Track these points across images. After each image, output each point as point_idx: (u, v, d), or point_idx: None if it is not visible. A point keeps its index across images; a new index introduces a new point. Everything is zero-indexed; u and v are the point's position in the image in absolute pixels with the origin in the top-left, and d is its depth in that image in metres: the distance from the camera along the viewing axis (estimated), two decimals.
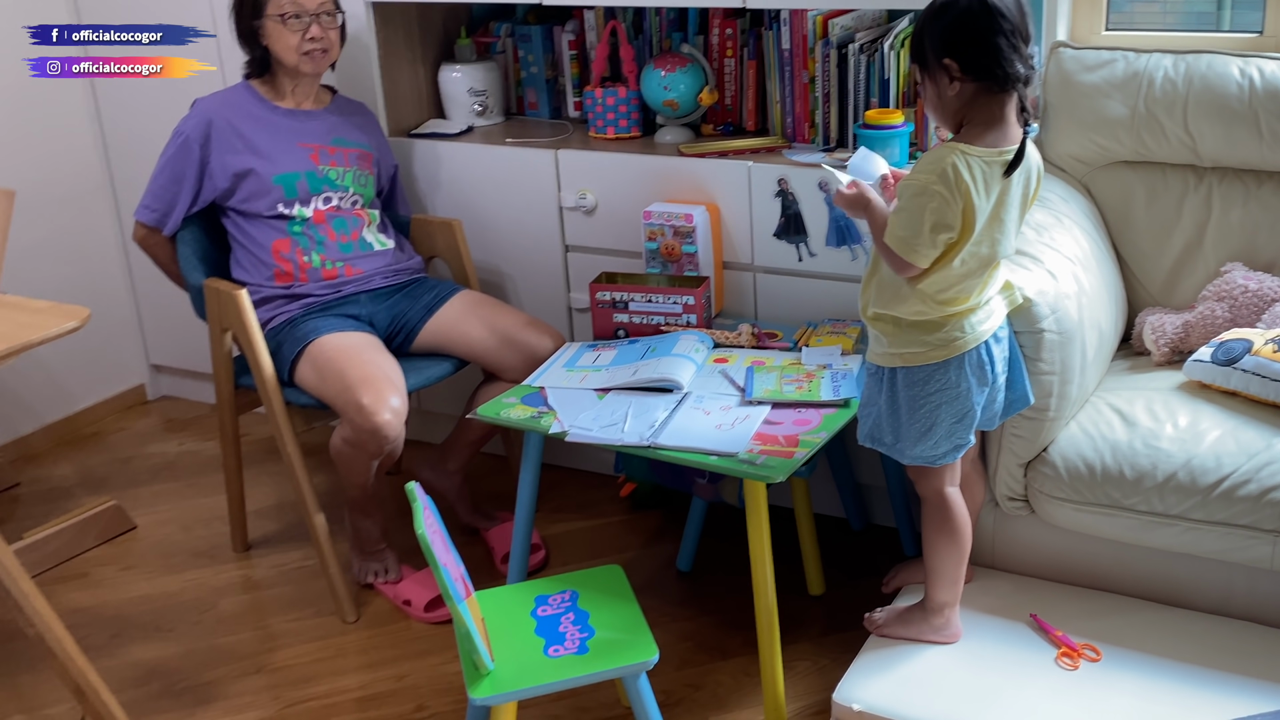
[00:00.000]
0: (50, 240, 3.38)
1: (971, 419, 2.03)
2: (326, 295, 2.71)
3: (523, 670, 1.86)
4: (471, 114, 3.14)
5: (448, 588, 1.77)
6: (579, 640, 1.91)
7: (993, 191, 1.90)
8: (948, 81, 1.90)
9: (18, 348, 1.97)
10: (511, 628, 1.96)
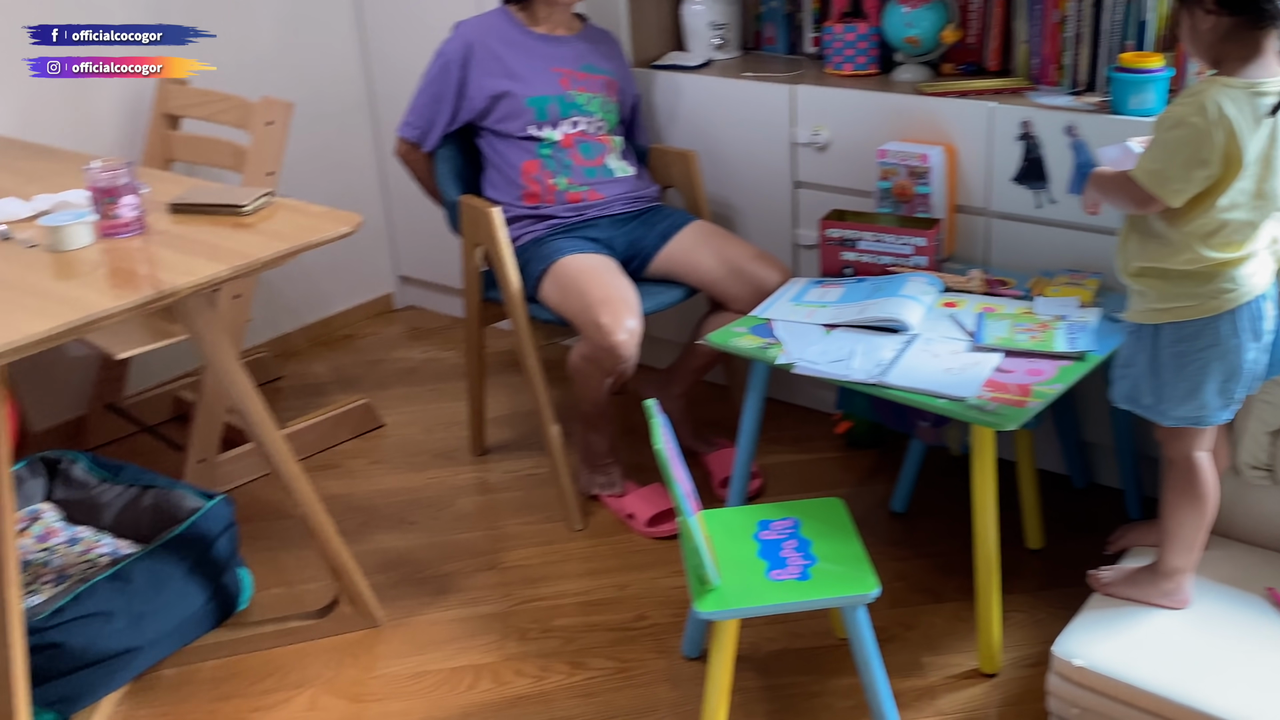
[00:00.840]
0: (313, 154, 3.52)
1: (1240, 377, 1.91)
2: (570, 218, 2.75)
3: (746, 589, 1.88)
4: (710, 47, 3.11)
5: (682, 503, 1.80)
6: (801, 567, 1.92)
7: (1261, 128, 1.78)
8: (1203, 14, 1.79)
9: (299, 247, 2.06)
10: (734, 548, 1.97)
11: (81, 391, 3.13)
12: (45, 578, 2.26)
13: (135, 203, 2.10)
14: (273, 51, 3.41)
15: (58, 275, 1.97)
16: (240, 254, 2.02)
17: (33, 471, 2.55)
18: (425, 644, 2.35)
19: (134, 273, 1.98)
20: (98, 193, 2.08)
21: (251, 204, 2.20)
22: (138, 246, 2.07)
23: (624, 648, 2.31)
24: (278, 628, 2.38)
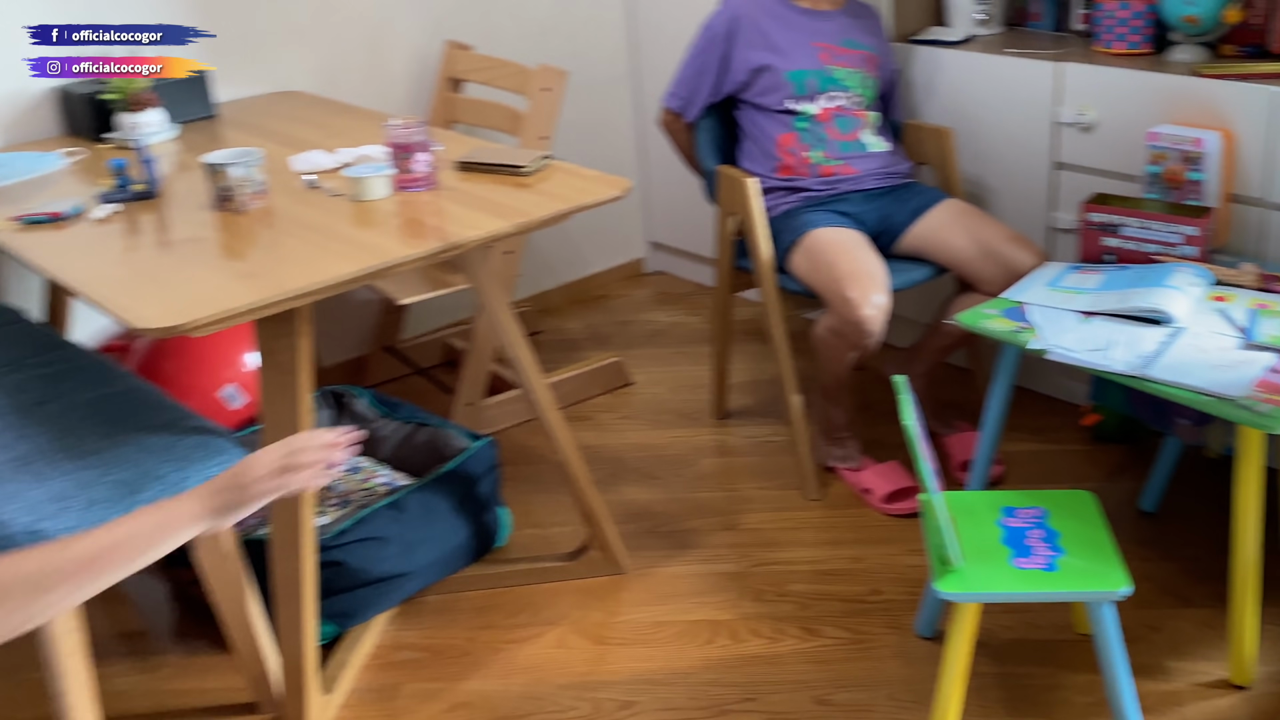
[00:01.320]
0: (577, 121, 3.62)
1: None
2: (823, 191, 2.75)
3: (989, 574, 1.85)
4: (973, 22, 3.04)
5: (928, 481, 1.79)
6: (1048, 558, 1.87)
7: None
8: None
9: (573, 208, 2.14)
10: (977, 532, 1.94)
11: (364, 333, 3.34)
12: (330, 501, 2.44)
13: (428, 159, 2.23)
14: (546, 20, 3.52)
15: (357, 223, 2.11)
16: (520, 212, 2.11)
17: (323, 403, 2.75)
18: (666, 595, 2.41)
19: (424, 224, 2.10)
20: (395, 148, 2.21)
21: (531, 165, 2.29)
22: (428, 200, 2.19)
23: (857, 619, 2.32)
24: (532, 566, 2.50)
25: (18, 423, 2.08)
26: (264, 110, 2.88)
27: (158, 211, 2.23)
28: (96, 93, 2.62)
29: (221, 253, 2.02)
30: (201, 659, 2.30)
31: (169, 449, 1.96)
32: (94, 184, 2.35)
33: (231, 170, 2.15)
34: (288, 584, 2.01)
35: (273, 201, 2.21)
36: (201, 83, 2.81)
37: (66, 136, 2.74)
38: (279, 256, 1.99)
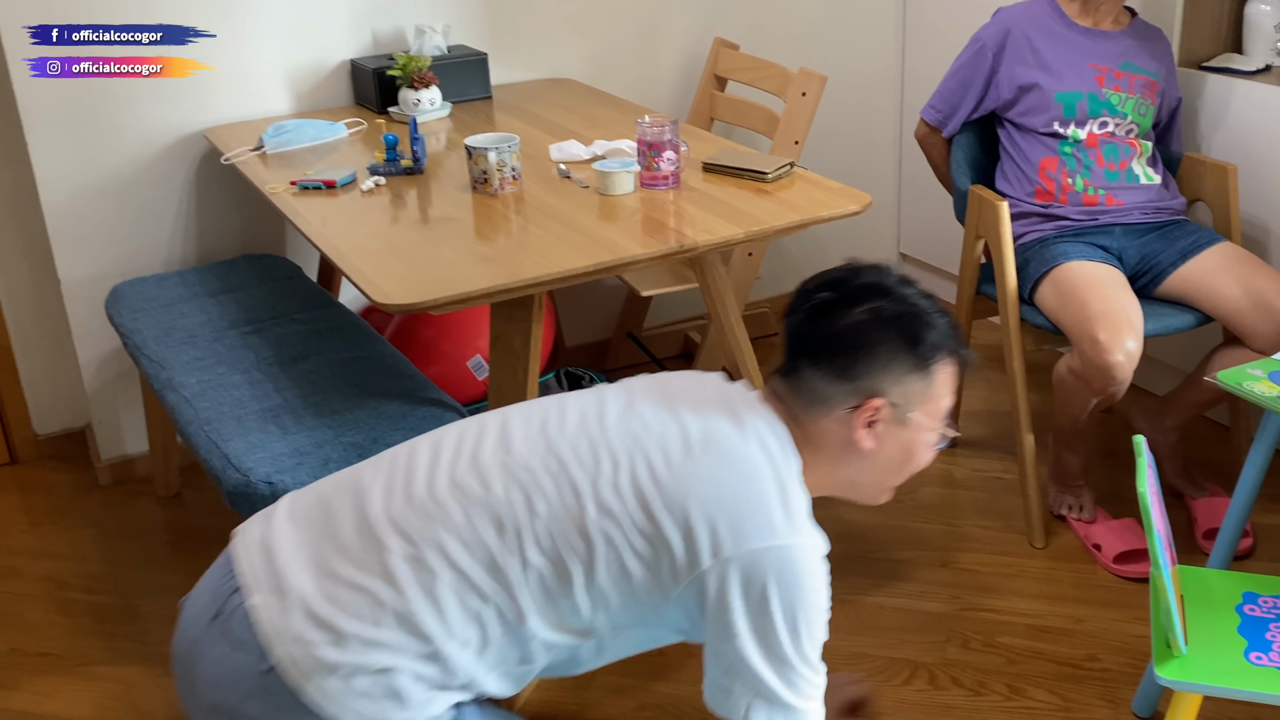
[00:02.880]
0: (839, 126, 3.46)
1: None
2: (1082, 221, 2.50)
3: (1217, 666, 1.61)
4: (1273, 52, 2.69)
5: (1158, 556, 1.57)
6: None
7: None
8: None
9: (809, 220, 2.03)
10: (1212, 615, 1.71)
11: (609, 318, 3.31)
12: None
13: (674, 158, 2.15)
14: (817, 22, 3.37)
15: (601, 216, 2.06)
16: (756, 219, 2.00)
17: (559, 382, 2.73)
18: (868, 626, 2.26)
19: (663, 224, 2.02)
20: (643, 145, 2.14)
21: (774, 172, 2.18)
22: (670, 199, 2.12)
23: (1069, 685, 2.09)
24: None
25: (275, 374, 2.14)
26: (534, 96, 2.87)
27: (420, 187, 2.24)
28: (384, 67, 2.67)
29: (470, 234, 2.01)
30: None
31: (402, 418, 1.97)
32: (369, 156, 2.39)
33: (489, 154, 2.13)
34: None
35: (526, 188, 2.18)
36: (482, 64, 2.83)
37: (355, 107, 2.82)
38: (521, 243, 1.95)
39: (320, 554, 1.31)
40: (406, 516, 1.30)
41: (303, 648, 1.25)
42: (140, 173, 2.68)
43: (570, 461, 1.30)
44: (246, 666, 1.26)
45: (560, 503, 1.28)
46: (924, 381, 1.37)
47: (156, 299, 2.48)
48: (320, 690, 1.24)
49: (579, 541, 1.27)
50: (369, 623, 1.26)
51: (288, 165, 2.39)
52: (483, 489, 1.30)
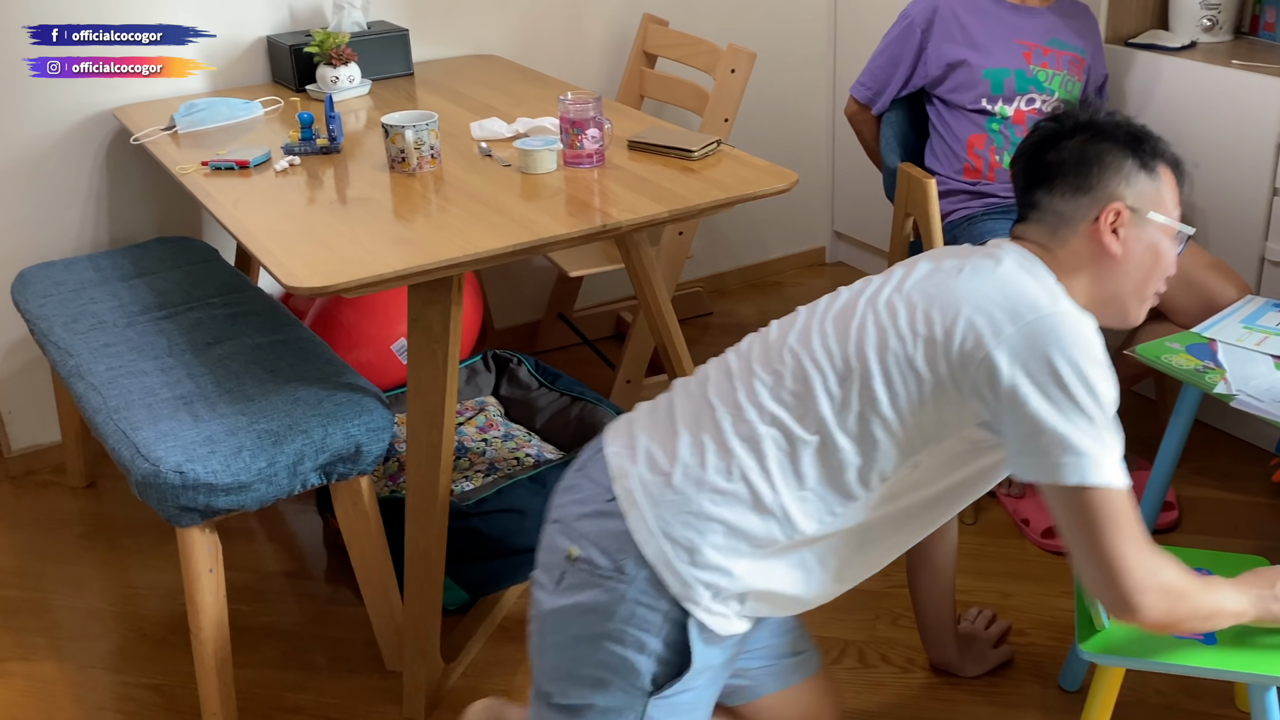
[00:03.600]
0: (770, 103, 3.44)
1: None
2: (1009, 198, 2.50)
3: (1139, 640, 1.61)
4: (1198, 28, 2.71)
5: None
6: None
7: None
8: None
9: (735, 199, 2.00)
10: None
11: (539, 299, 3.27)
12: (478, 466, 2.37)
13: (598, 136, 2.10)
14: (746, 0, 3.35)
15: (522, 195, 2.01)
16: (682, 198, 1.97)
17: (486, 366, 2.68)
18: None
19: (586, 203, 1.98)
20: (566, 123, 2.09)
21: (701, 150, 2.14)
22: (594, 178, 2.07)
23: None
24: None
25: (188, 361, 2.08)
26: (458, 72, 2.81)
27: (336, 167, 2.18)
28: (301, 44, 2.59)
29: (387, 215, 1.95)
30: (342, 607, 2.27)
31: (318, 404, 1.91)
32: (285, 135, 2.33)
33: (406, 133, 2.07)
34: (418, 549, 1.93)
35: (446, 167, 2.13)
36: (403, 41, 2.76)
37: (272, 85, 2.74)
38: (439, 224, 1.90)
39: (664, 423, 1.51)
40: (734, 384, 1.50)
41: (637, 484, 1.45)
42: (46, 153, 2.58)
43: (867, 315, 1.47)
44: (594, 496, 1.48)
45: (859, 342, 1.45)
46: (1153, 182, 1.51)
47: (65, 284, 2.39)
48: (638, 520, 1.43)
49: (877, 367, 1.42)
50: (698, 471, 1.44)
51: (200, 145, 2.32)
52: (802, 349, 1.48)
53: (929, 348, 1.41)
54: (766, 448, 1.43)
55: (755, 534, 1.42)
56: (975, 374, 1.38)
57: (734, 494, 1.42)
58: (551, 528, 1.53)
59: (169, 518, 1.81)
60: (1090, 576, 1.40)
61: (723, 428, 1.46)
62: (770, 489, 1.42)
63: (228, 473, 1.79)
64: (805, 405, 1.44)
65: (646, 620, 1.42)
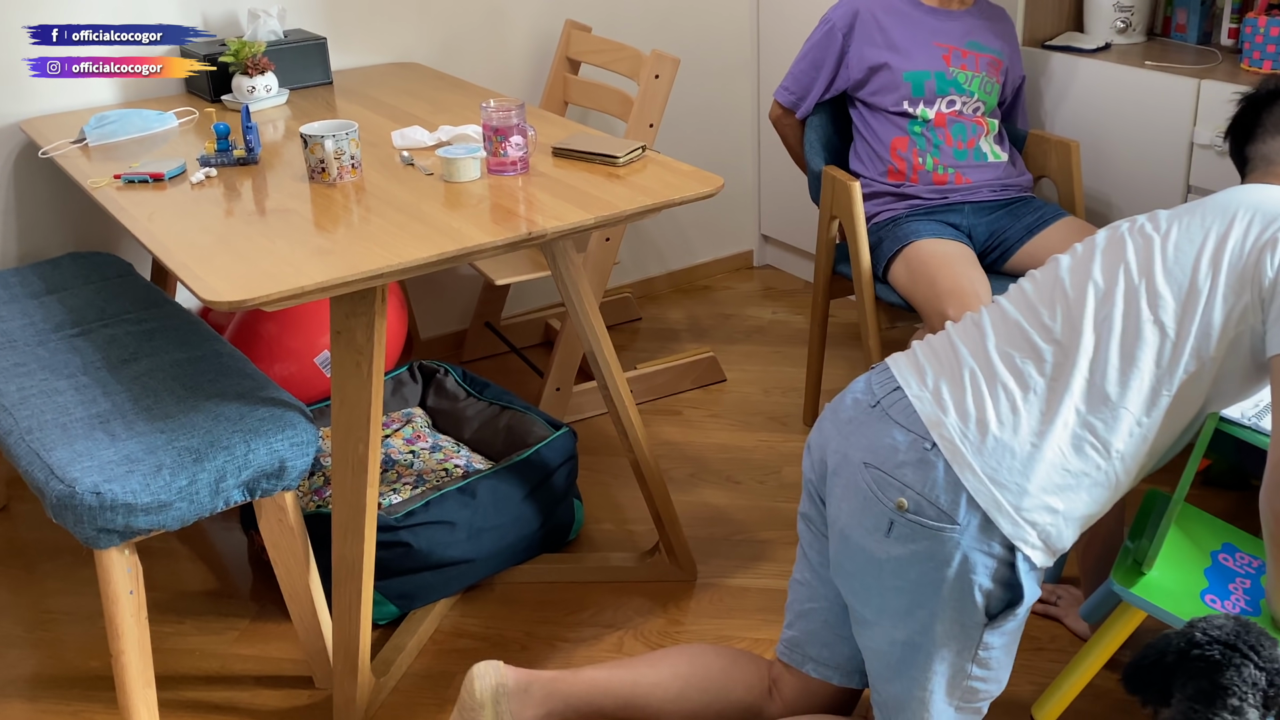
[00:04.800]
0: (696, 108, 3.48)
1: None
2: (933, 200, 2.56)
3: (1173, 595, 1.70)
4: (1112, 30, 2.79)
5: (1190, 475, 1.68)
6: (1240, 609, 1.70)
7: None
8: None
9: (660, 204, 2.01)
10: (1189, 549, 1.81)
11: (465, 308, 3.26)
12: (406, 478, 2.36)
13: (522, 143, 2.11)
14: (672, 3, 3.38)
15: (446, 204, 2.01)
16: (607, 204, 1.98)
17: (413, 377, 2.67)
18: (733, 608, 2.27)
19: (510, 211, 1.98)
20: (489, 130, 2.10)
21: (625, 156, 2.16)
22: (519, 185, 2.08)
23: None
24: (600, 564, 2.38)
25: (104, 379, 2.05)
26: (379, 81, 2.80)
27: (254, 179, 2.16)
28: (216, 54, 2.57)
29: (307, 226, 1.94)
30: (269, 625, 2.25)
31: (240, 419, 1.90)
32: (201, 147, 2.30)
33: (326, 142, 2.06)
34: (345, 564, 1.92)
35: (367, 176, 2.12)
36: (321, 49, 2.74)
37: (186, 95, 2.71)
38: (361, 234, 1.90)
39: (954, 367, 1.63)
40: (1020, 324, 1.64)
41: (956, 433, 1.56)
42: None
43: (1136, 240, 1.68)
44: (911, 444, 1.57)
45: (1145, 257, 1.64)
46: None
47: None
48: (965, 468, 1.54)
49: (1162, 273, 1.61)
50: (1011, 416, 1.56)
51: (112, 158, 2.28)
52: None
53: (1218, 246, 1.58)
54: (1072, 381, 1.56)
55: (1075, 467, 1.55)
56: (1262, 255, 1.54)
57: (1051, 433, 1.54)
58: (865, 472, 1.61)
59: (86, 540, 1.78)
60: (1276, 456, 1.54)
61: (1014, 360, 1.59)
62: (1081, 422, 1.55)
63: (147, 492, 1.76)
64: (1083, 325, 1.58)
65: (981, 563, 1.54)
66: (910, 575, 1.58)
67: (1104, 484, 1.57)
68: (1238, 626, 1.34)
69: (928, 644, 1.61)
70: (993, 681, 1.64)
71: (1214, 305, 1.56)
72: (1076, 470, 1.55)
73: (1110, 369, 1.56)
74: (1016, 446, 1.54)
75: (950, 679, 1.62)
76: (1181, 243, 1.61)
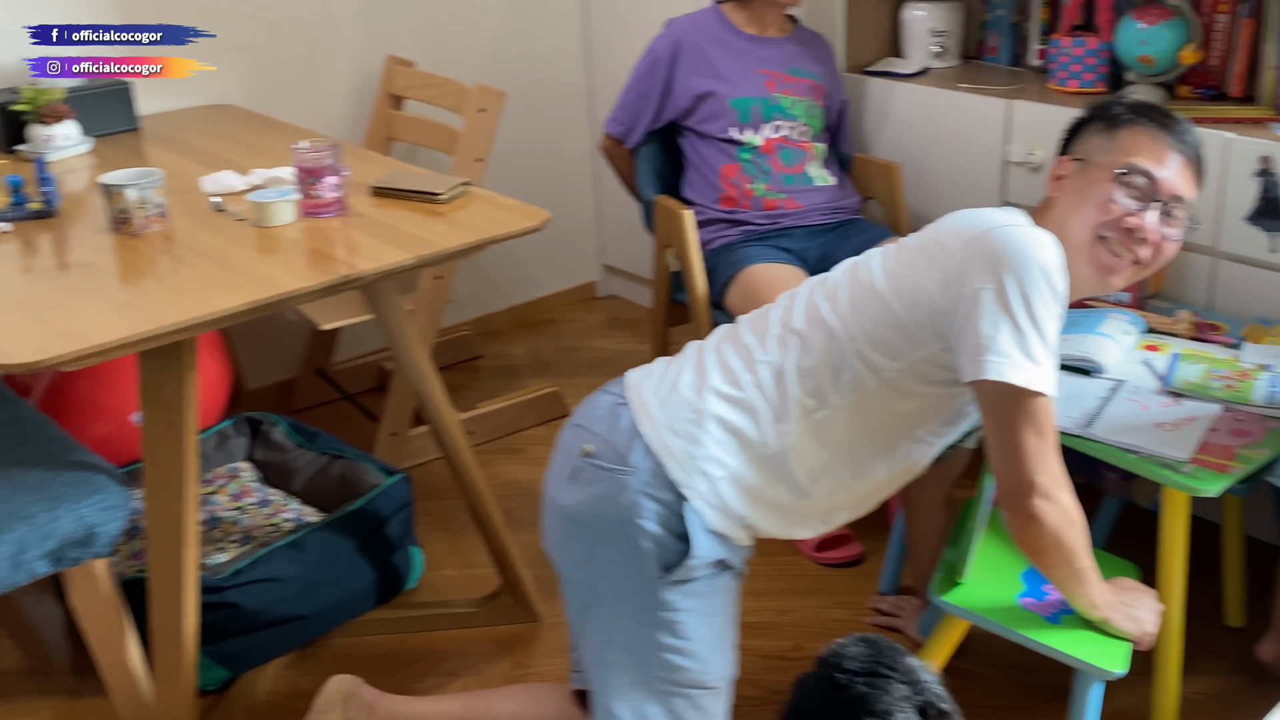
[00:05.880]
0: (532, 140, 3.52)
1: None
2: (764, 225, 2.64)
3: (990, 601, 1.78)
4: (929, 54, 2.94)
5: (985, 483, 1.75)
6: (1056, 610, 1.77)
7: None
8: None
9: (485, 241, 2.04)
10: (1006, 557, 1.87)
11: (294, 354, 3.23)
12: (233, 536, 2.32)
13: (337, 183, 2.11)
14: (500, 37, 3.42)
15: (259, 250, 2.00)
16: (428, 243, 2.00)
17: (238, 430, 2.63)
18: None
19: (327, 254, 1.98)
20: (302, 172, 2.10)
21: (448, 193, 2.18)
22: (336, 228, 2.08)
23: (775, 677, 2.18)
24: (441, 611, 2.38)
25: None
26: (189, 124, 2.77)
27: (53, 232, 2.12)
28: (8, 102, 2.50)
29: (110, 280, 1.91)
30: (89, 700, 2.18)
31: (44, 486, 1.85)
32: None
33: (128, 192, 2.03)
34: (165, 630, 1.89)
35: (174, 225, 2.10)
36: (124, 94, 2.70)
37: None
38: (167, 285, 1.88)
39: (677, 357, 1.81)
40: (738, 329, 1.80)
41: (650, 391, 1.72)
42: None
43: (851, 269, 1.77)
44: (609, 402, 1.74)
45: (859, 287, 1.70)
46: (1107, 135, 1.75)
47: None
48: (644, 417, 1.67)
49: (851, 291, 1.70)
50: (701, 379, 1.71)
51: None
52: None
53: (921, 259, 1.64)
54: (758, 360, 1.68)
55: (749, 434, 1.64)
56: (948, 270, 1.58)
57: (731, 397, 1.66)
58: (569, 430, 1.76)
59: None
60: (1003, 470, 1.59)
61: (723, 350, 1.72)
62: (760, 394, 1.65)
63: None
64: (788, 331, 1.69)
65: (649, 508, 1.62)
66: (588, 520, 1.66)
67: (775, 462, 1.64)
68: (868, 650, 1.39)
69: (606, 600, 1.67)
70: (694, 658, 1.66)
71: (903, 329, 1.61)
72: (754, 441, 1.64)
73: (789, 362, 1.66)
74: (697, 402, 1.66)
75: (637, 644, 1.66)
76: (898, 270, 1.67)
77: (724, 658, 1.71)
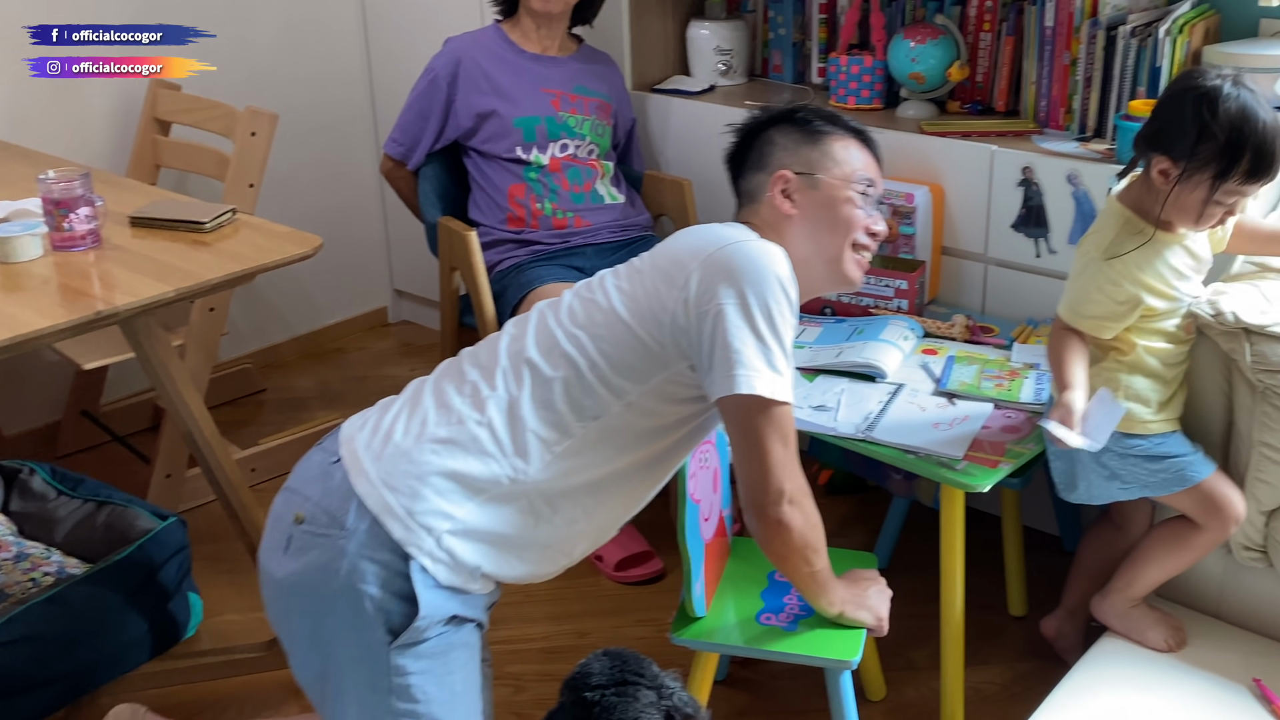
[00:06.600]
0: (314, 163, 3.46)
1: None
2: (554, 245, 2.66)
3: (730, 626, 1.82)
4: (715, 73, 3.02)
5: (685, 526, 1.76)
6: (794, 616, 1.83)
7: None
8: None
9: (252, 270, 2.01)
10: (745, 581, 1.92)
11: (57, 396, 3.07)
12: None
13: (90, 214, 2.04)
14: (275, 57, 3.35)
15: (3, 288, 1.91)
16: (190, 274, 1.95)
17: None
18: None
19: (79, 290, 1.91)
20: (49, 204, 2.01)
21: (213, 221, 2.13)
22: (90, 261, 2.01)
23: None
24: (224, 658, 2.30)
25: None
26: None
27: None
28: None
29: None
30: None
31: None
32: None
33: None
34: None
35: None
36: None
37: None
38: None
39: (392, 401, 1.72)
40: (455, 364, 1.71)
41: (362, 444, 1.63)
42: None
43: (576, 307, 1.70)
44: (322, 461, 1.67)
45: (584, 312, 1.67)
46: (818, 149, 1.77)
47: None
48: (359, 474, 1.58)
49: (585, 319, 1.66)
50: (419, 427, 1.62)
51: None
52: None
53: (645, 282, 1.64)
54: (485, 396, 1.61)
55: (478, 477, 1.58)
56: (681, 291, 1.60)
57: (455, 440, 1.58)
58: (281, 497, 1.67)
59: None
60: (752, 480, 1.62)
61: (443, 388, 1.64)
62: (490, 433, 1.59)
63: None
64: (519, 362, 1.63)
65: (370, 571, 1.54)
66: (306, 591, 1.59)
67: (510, 501, 1.59)
68: (612, 662, 1.43)
69: (335, 671, 1.60)
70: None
71: (646, 351, 1.61)
72: (483, 483, 1.57)
73: (524, 396, 1.60)
74: (415, 453, 1.58)
75: (372, 714, 1.58)
76: (635, 292, 1.65)
77: (467, 714, 1.64)
